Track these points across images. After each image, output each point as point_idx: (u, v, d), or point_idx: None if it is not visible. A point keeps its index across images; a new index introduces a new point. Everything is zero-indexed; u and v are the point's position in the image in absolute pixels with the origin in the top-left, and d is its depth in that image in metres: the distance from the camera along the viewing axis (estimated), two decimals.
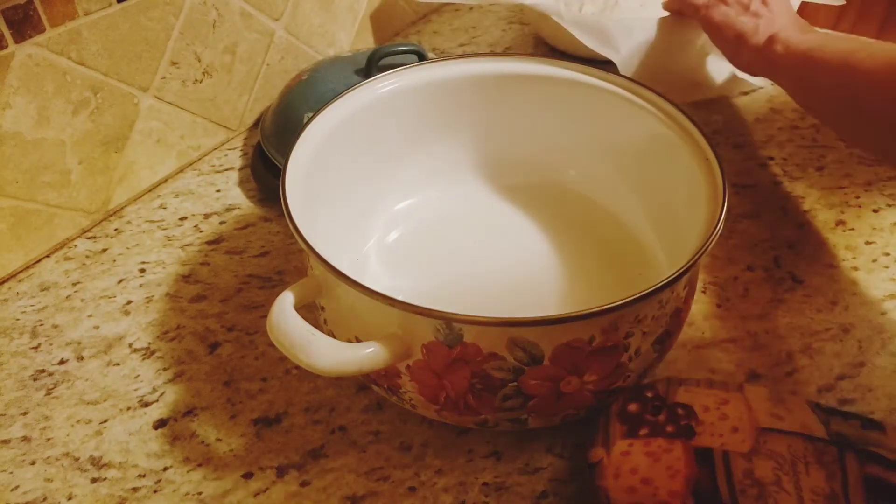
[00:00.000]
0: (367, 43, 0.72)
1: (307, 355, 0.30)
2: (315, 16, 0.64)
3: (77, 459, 0.37)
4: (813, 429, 0.32)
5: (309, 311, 0.34)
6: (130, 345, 0.43)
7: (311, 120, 0.40)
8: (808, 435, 0.32)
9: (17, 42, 0.43)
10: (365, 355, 0.31)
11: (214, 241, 0.50)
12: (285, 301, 0.32)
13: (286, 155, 0.37)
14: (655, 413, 0.33)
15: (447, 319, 0.30)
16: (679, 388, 0.35)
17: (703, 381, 0.35)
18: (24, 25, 0.43)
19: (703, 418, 0.33)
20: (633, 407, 0.34)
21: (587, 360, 0.31)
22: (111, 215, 0.53)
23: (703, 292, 0.45)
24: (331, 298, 0.34)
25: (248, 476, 0.36)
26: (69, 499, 0.36)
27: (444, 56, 0.47)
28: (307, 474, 0.36)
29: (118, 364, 0.42)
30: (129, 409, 0.40)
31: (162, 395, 0.40)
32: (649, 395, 0.34)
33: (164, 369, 0.42)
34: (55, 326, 0.45)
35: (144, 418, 0.39)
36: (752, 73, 0.53)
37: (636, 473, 0.31)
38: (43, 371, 0.42)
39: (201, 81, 0.55)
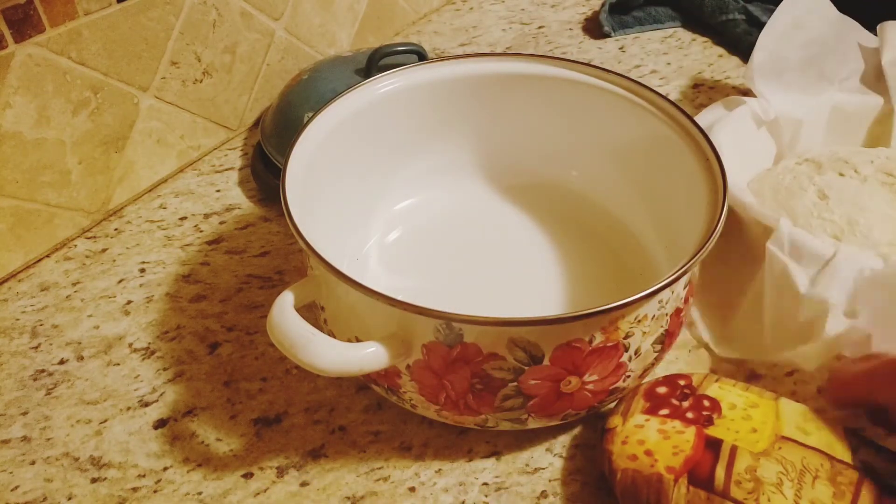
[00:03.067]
0: (367, 43, 0.72)
1: (307, 355, 0.30)
2: (315, 16, 0.64)
3: (77, 459, 0.37)
4: (837, 451, 0.32)
5: (309, 311, 0.34)
6: (130, 345, 0.43)
7: (311, 120, 0.40)
8: (829, 454, 0.32)
9: (17, 42, 0.43)
10: (365, 355, 0.31)
11: (214, 241, 0.50)
12: (285, 301, 0.32)
13: (286, 155, 0.37)
14: (681, 399, 0.35)
15: (447, 319, 0.30)
16: (713, 384, 0.35)
17: (742, 383, 0.36)
18: (24, 25, 0.43)
19: (727, 414, 0.34)
20: (661, 389, 0.35)
21: (587, 360, 0.31)
22: (111, 215, 0.53)
23: None
24: (331, 298, 0.34)
25: (248, 476, 0.36)
26: (69, 499, 0.36)
27: (444, 56, 0.47)
28: (307, 474, 0.36)
29: (118, 364, 0.42)
30: (129, 409, 0.40)
31: (162, 395, 0.40)
32: (681, 382, 0.36)
33: (164, 369, 0.42)
34: (55, 326, 0.45)
35: (144, 418, 0.39)
36: None
37: (642, 444, 0.33)
38: (43, 371, 0.42)
39: (201, 81, 0.55)
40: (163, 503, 0.35)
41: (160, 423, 0.39)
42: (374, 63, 0.52)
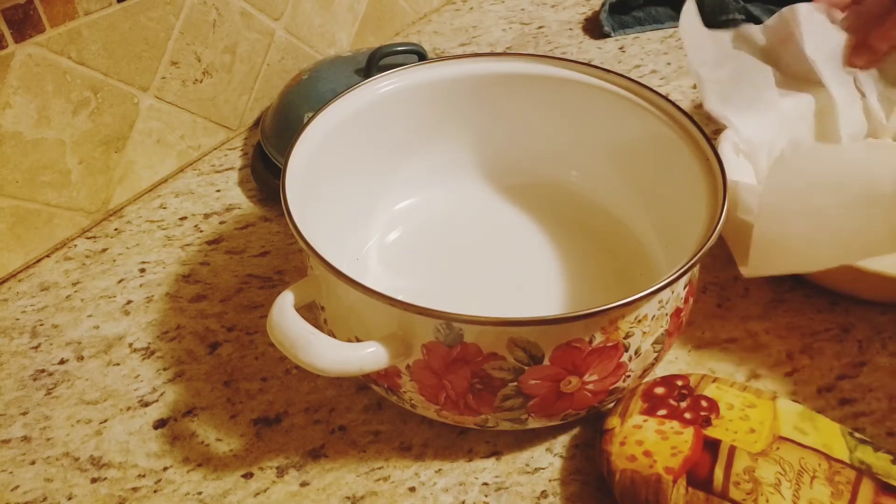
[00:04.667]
0: (367, 43, 0.72)
1: (307, 355, 0.30)
2: (315, 16, 0.64)
3: (77, 459, 0.37)
4: (835, 450, 0.32)
5: (309, 311, 0.34)
6: (130, 345, 0.43)
7: (311, 120, 0.40)
8: (826, 454, 0.32)
9: (17, 42, 0.43)
10: (365, 355, 0.31)
11: (214, 241, 0.50)
12: (285, 301, 0.32)
13: (286, 155, 0.37)
14: (679, 400, 0.35)
15: (447, 319, 0.30)
16: (711, 384, 0.36)
17: (739, 383, 0.36)
18: (24, 25, 0.43)
19: (724, 414, 0.34)
20: (659, 390, 0.35)
21: (587, 360, 0.31)
22: (111, 215, 0.53)
23: (703, 292, 0.45)
24: (331, 298, 0.34)
25: (248, 476, 0.36)
26: (69, 499, 0.36)
27: (444, 56, 0.47)
28: (307, 474, 0.36)
29: (118, 364, 0.42)
30: (129, 409, 0.40)
31: (162, 395, 0.40)
32: (679, 383, 0.36)
33: (164, 369, 0.42)
34: (55, 326, 0.45)
35: (144, 418, 0.39)
36: None
37: (641, 445, 0.33)
38: (43, 371, 0.42)
39: (201, 81, 0.55)
40: (163, 503, 0.35)
41: (160, 423, 0.39)
42: (374, 63, 0.52)
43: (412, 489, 0.36)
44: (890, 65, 0.52)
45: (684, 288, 0.35)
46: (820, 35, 0.52)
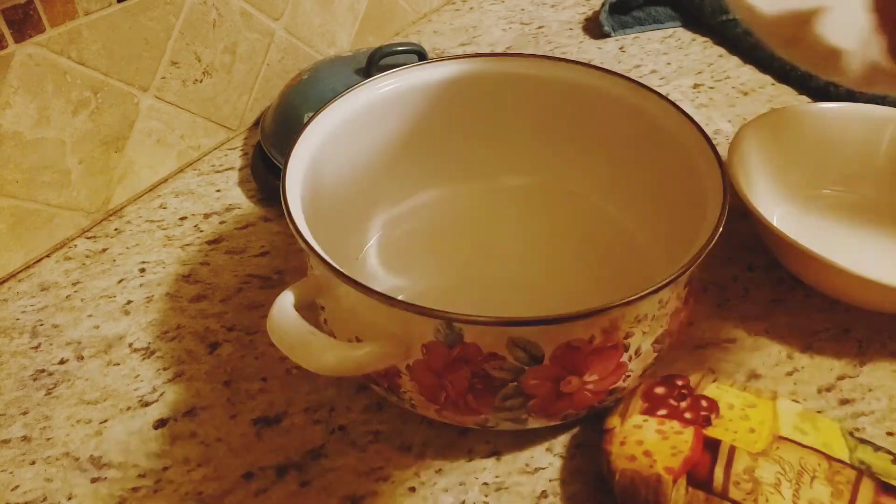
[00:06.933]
0: (367, 43, 0.72)
1: (307, 355, 0.30)
2: (315, 16, 0.64)
3: (77, 459, 0.37)
4: (835, 450, 0.32)
5: (309, 311, 0.34)
6: (130, 345, 0.43)
7: (311, 120, 0.40)
8: (826, 454, 0.32)
9: (17, 42, 0.43)
10: (365, 355, 0.31)
11: (214, 241, 0.50)
12: (285, 301, 0.32)
13: (286, 155, 0.37)
14: (679, 400, 0.35)
15: (447, 319, 0.30)
16: (711, 384, 0.36)
17: (739, 383, 0.36)
18: (24, 25, 0.43)
19: (724, 414, 0.34)
20: (659, 390, 0.36)
21: (587, 360, 0.32)
22: (111, 215, 0.53)
23: (704, 292, 0.45)
24: (331, 298, 0.34)
25: (248, 476, 0.36)
26: (69, 499, 0.36)
27: (444, 56, 0.47)
28: (307, 474, 0.36)
29: (118, 364, 0.42)
30: (129, 408, 0.40)
31: (162, 394, 0.40)
32: (679, 383, 0.36)
33: (164, 369, 0.42)
34: (55, 326, 0.45)
35: (144, 418, 0.39)
36: None
37: (641, 444, 0.33)
38: (43, 371, 0.42)
39: (201, 81, 0.55)
40: (163, 503, 0.35)
41: (160, 423, 0.39)
42: (374, 63, 0.52)
43: (412, 489, 0.36)
44: None
45: (684, 288, 0.35)
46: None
